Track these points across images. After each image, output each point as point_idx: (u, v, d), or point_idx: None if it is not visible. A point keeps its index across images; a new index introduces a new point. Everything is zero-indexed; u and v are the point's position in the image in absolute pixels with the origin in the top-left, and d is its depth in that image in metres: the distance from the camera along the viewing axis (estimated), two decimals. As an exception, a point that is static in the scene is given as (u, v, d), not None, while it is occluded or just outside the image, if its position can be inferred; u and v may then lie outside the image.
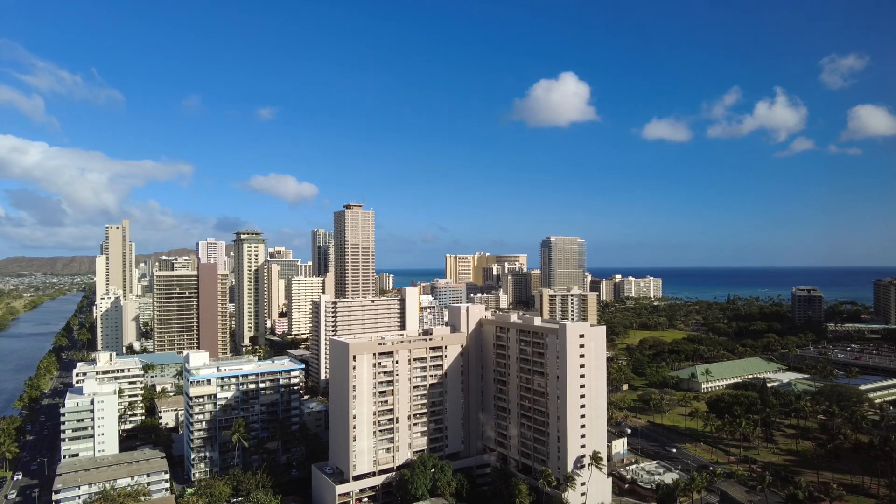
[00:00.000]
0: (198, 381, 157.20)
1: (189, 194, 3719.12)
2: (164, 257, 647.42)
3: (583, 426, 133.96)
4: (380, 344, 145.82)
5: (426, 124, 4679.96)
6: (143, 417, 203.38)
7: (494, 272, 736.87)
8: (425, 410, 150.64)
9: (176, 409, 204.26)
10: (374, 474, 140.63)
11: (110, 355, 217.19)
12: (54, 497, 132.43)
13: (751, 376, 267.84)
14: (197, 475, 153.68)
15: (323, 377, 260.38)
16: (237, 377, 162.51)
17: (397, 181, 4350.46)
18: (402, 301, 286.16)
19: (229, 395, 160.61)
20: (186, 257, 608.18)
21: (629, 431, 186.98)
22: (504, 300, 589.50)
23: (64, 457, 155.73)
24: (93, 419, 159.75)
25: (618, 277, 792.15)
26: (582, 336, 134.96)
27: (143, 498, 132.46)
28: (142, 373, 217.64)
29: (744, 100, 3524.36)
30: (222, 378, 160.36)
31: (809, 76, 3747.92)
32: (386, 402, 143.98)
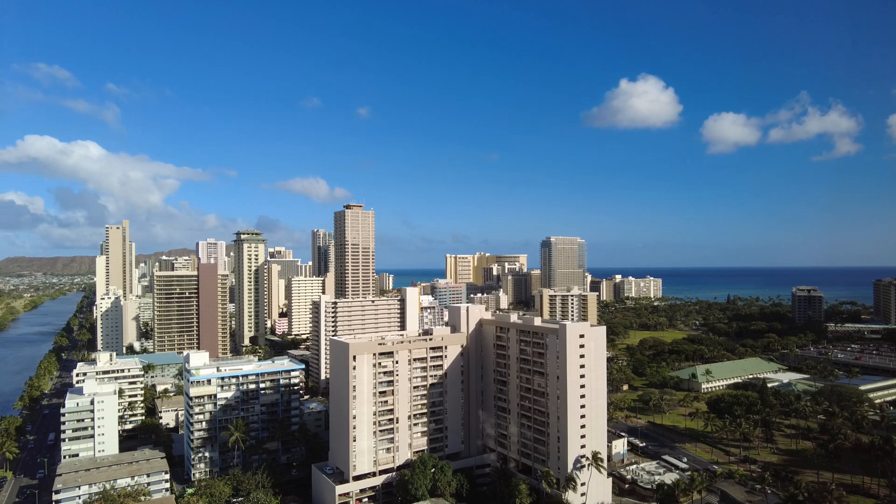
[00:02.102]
0: (198, 382, 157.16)
1: (232, 196, 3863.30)
2: (164, 257, 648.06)
3: (583, 426, 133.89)
4: (380, 344, 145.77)
5: (456, 129, 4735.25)
6: (144, 417, 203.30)
7: (494, 272, 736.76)
8: (425, 410, 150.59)
9: (176, 409, 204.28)
10: (374, 474, 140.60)
11: (110, 355, 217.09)
12: (54, 497, 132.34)
13: (751, 376, 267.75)
14: (197, 475, 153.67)
15: (323, 377, 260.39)
16: (237, 377, 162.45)
17: (436, 185, 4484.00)
18: (402, 301, 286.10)
19: (229, 395, 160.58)
20: (186, 257, 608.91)
21: (639, 429, 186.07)
22: (504, 300, 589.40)
23: (64, 457, 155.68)
24: (93, 419, 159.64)
25: (618, 277, 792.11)
26: (582, 336, 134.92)
27: (143, 498, 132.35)
28: (142, 373, 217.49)
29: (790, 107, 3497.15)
30: (222, 378, 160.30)
31: (865, 85, 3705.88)
32: (386, 402, 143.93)
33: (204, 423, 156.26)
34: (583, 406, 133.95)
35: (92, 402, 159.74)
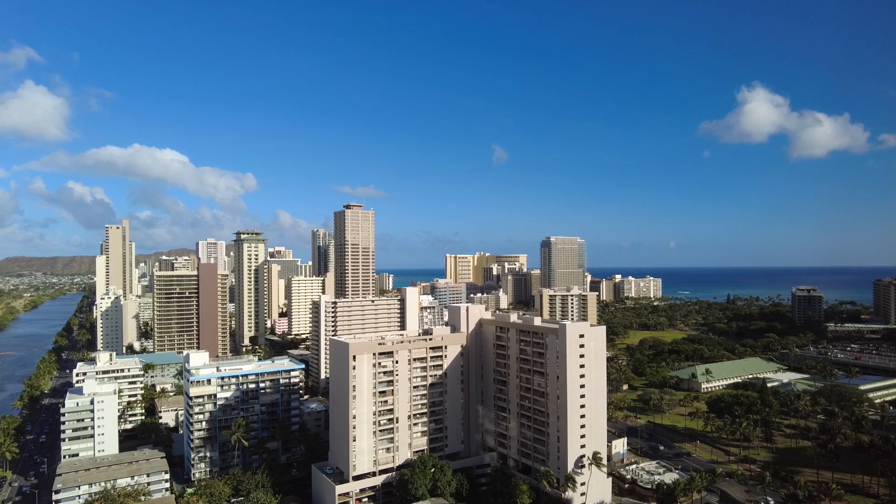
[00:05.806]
0: (198, 381, 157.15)
1: (303, 198, 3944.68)
2: (163, 257, 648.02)
3: (583, 426, 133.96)
4: (380, 344, 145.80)
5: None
6: (143, 417, 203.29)
7: (494, 272, 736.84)
8: (425, 410, 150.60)
9: (176, 409, 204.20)
10: (374, 474, 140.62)
11: (110, 355, 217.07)
12: (54, 497, 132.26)
13: (751, 376, 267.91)
14: (197, 475, 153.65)
15: (323, 377, 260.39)
16: (237, 377, 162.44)
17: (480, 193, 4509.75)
18: (402, 301, 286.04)
19: (229, 395, 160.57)
20: (186, 257, 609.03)
21: (639, 429, 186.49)
22: (504, 300, 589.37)
23: (64, 457, 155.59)
24: (93, 419, 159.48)
25: (618, 277, 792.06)
26: (582, 336, 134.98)
27: (143, 498, 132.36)
28: (142, 373, 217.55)
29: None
30: (222, 378, 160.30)
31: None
32: (386, 402, 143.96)
33: (204, 422, 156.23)
34: (583, 406, 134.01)
35: (92, 402, 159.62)
